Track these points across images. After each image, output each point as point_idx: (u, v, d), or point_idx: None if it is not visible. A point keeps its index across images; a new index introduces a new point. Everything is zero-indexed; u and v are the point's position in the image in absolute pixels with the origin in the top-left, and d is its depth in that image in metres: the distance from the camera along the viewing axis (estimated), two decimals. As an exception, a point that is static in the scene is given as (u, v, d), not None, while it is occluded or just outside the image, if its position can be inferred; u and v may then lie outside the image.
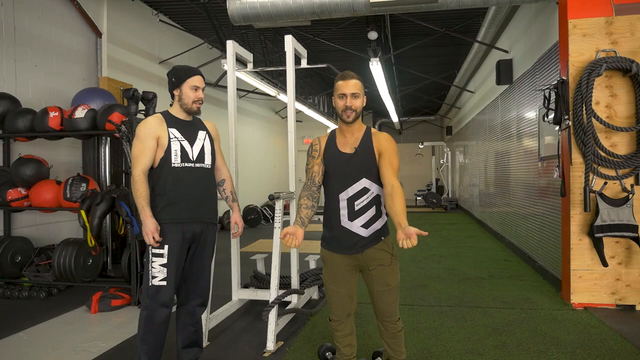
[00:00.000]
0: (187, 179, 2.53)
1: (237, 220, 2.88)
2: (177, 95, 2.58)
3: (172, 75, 2.58)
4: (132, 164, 2.49)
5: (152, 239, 2.42)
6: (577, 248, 3.99)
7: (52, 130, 4.57)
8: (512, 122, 6.73)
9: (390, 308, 2.34)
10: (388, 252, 2.30)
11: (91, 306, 4.05)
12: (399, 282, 2.37)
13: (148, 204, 2.45)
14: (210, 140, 2.68)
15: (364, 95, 2.30)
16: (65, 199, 4.50)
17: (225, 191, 2.85)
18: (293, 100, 3.91)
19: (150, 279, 2.47)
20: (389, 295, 2.32)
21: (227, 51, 3.91)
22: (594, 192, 3.87)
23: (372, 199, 2.28)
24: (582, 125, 3.87)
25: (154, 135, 2.49)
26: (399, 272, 2.37)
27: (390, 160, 2.22)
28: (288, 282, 4.00)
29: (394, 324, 2.36)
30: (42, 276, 4.58)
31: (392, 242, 2.32)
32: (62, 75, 5.82)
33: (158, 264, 2.47)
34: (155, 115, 2.59)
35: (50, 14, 5.63)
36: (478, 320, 3.69)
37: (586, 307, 3.98)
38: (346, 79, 2.25)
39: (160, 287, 2.47)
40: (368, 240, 2.28)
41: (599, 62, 3.82)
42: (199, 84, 2.57)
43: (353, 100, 2.23)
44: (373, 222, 2.28)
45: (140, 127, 2.52)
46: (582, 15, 3.99)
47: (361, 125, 2.35)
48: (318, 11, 4.87)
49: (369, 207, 2.27)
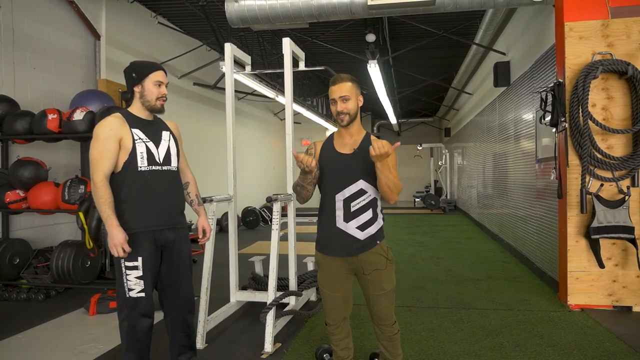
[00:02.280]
0: (155, 183, 2.38)
1: (204, 226, 2.68)
2: (138, 92, 2.40)
3: (132, 71, 2.40)
4: (92, 169, 2.28)
5: (121, 251, 2.24)
6: (574, 250, 4.01)
7: (51, 133, 4.58)
8: (510, 124, 6.76)
9: (386, 312, 2.33)
10: (383, 256, 2.28)
11: (89, 308, 4.06)
12: (395, 286, 2.35)
13: (113, 212, 2.25)
14: (174, 140, 2.54)
15: (358, 96, 2.27)
16: (64, 201, 4.50)
17: (190, 195, 2.68)
18: (291, 103, 3.92)
19: (127, 291, 2.32)
20: (385, 299, 2.30)
21: (225, 54, 3.92)
22: (590, 193, 3.90)
23: (369, 201, 2.25)
24: (579, 127, 3.89)
25: (116, 136, 2.30)
26: (394, 276, 2.35)
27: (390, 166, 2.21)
28: (286, 284, 4.01)
29: (389, 327, 2.35)
30: (41, 278, 4.59)
31: (387, 247, 2.34)
32: (61, 77, 5.83)
33: (134, 277, 2.31)
34: (114, 115, 2.38)
35: (48, 16, 5.64)
36: (475, 322, 3.70)
37: (583, 308, 3.99)
38: (336, 83, 2.23)
39: (139, 298, 2.34)
40: (363, 243, 2.25)
41: (595, 64, 3.84)
42: (163, 80, 2.42)
43: (344, 104, 2.21)
44: (369, 225, 2.25)
45: (99, 127, 2.31)
46: (578, 18, 4.01)
47: (361, 129, 2.33)
48: (316, 14, 4.89)
49: (365, 210, 2.25)
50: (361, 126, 2.34)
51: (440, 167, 16.38)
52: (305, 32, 7.93)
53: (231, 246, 3.97)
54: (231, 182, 3.92)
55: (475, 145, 10.31)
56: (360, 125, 2.33)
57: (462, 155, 12.89)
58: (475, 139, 10.39)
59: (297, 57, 4.21)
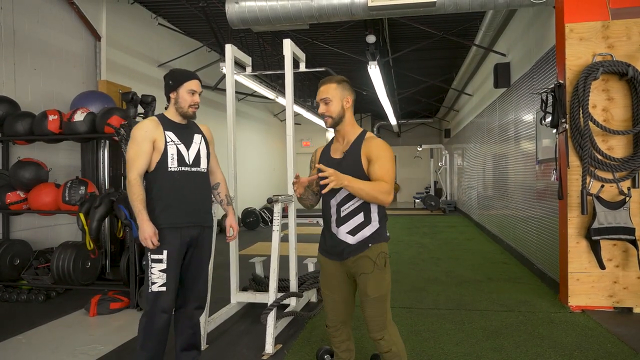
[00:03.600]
0: (183, 183, 2.53)
1: (232, 224, 2.88)
2: (173, 99, 2.56)
3: (170, 78, 2.57)
4: (128, 167, 2.46)
5: (150, 243, 2.41)
6: (575, 251, 4.01)
7: (51, 134, 4.58)
8: (510, 125, 6.76)
9: (372, 321, 2.20)
10: (371, 259, 2.16)
11: (90, 309, 4.05)
12: (384, 297, 2.19)
13: (145, 208, 2.43)
14: (205, 143, 2.67)
15: (345, 97, 2.21)
16: (64, 202, 4.50)
17: (220, 195, 2.84)
18: (292, 104, 3.92)
19: (150, 285, 2.45)
20: (369, 306, 2.19)
21: (226, 55, 3.93)
22: (591, 195, 3.90)
23: (359, 205, 2.18)
24: (579, 129, 3.89)
25: (151, 138, 2.47)
26: (384, 285, 2.19)
27: (380, 167, 2.11)
28: (286, 285, 4.01)
29: (376, 340, 2.21)
30: (41, 279, 4.58)
31: (381, 252, 2.19)
32: (61, 78, 5.83)
33: (157, 270, 2.45)
34: (151, 118, 2.56)
35: (49, 17, 5.64)
36: (476, 323, 3.70)
37: (584, 309, 3.99)
38: (321, 85, 2.23)
39: (159, 293, 2.45)
40: (354, 247, 2.19)
41: (596, 65, 3.85)
42: (196, 89, 2.57)
43: (325, 106, 2.20)
44: (360, 229, 2.18)
45: (136, 129, 2.49)
46: (579, 20, 4.02)
47: (354, 128, 2.26)
48: (316, 15, 4.90)
49: (356, 214, 2.18)
50: (355, 125, 2.27)
51: (440, 168, 16.38)
52: (306, 33, 7.94)
53: (232, 247, 3.97)
54: (232, 183, 3.92)
55: (475, 146, 10.32)
56: (352, 126, 2.26)
57: (462, 156, 12.89)
58: (475, 140, 10.40)
59: (298, 58, 4.22)
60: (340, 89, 2.21)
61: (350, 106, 2.23)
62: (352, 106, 2.25)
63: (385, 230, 2.27)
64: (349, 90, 2.24)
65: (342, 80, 2.24)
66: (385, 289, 2.19)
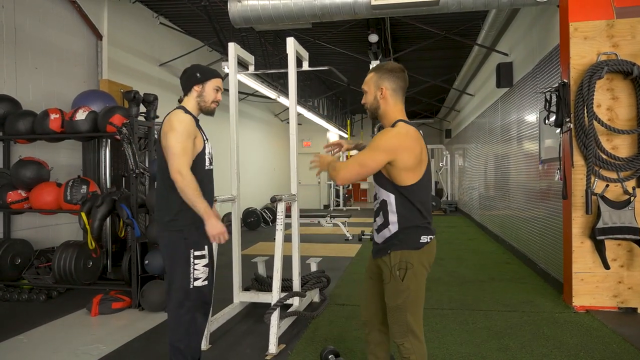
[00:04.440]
0: (209, 180, 2.59)
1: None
2: (197, 91, 2.47)
3: (197, 71, 2.49)
4: (179, 160, 2.29)
5: (220, 239, 2.37)
6: (579, 251, 3.99)
7: (53, 133, 4.56)
8: (513, 124, 6.74)
9: (391, 326, 2.08)
10: (388, 268, 2.03)
11: (91, 309, 4.03)
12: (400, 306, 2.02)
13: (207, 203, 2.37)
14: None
15: (380, 87, 2.04)
16: (66, 201, 4.48)
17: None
18: (295, 104, 3.90)
19: (192, 281, 2.41)
20: (388, 312, 2.08)
21: (229, 54, 3.90)
22: (595, 194, 3.88)
23: (380, 203, 2.07)
24: (584, 128, 3.87)
25: (193, 135, 2.41)
26: (400, 296, 2.02)
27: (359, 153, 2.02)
28: (289, 285, 3.99)
29: (397, 345, 2.07)
30: (42, 279, 4.56)
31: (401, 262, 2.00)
32: (63, 77, 5.81)
33: (201, 265, 2.44)
34: (187, 114, 2.43)
35: (51, 16, 5.62)
36: (480, 323, 3.68)
37: (588, 310, 3.97)
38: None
39: (203, 287, 2.46)
40: (379, 247, 2.10)
41: (600, 65, 3.83)
42: (221, 87, 2.56)
43: (364, 96, 2.13)
44: (382, 229, 2.07)
45: (180, 122, 2.35)
46: (583, 18, 4.00)
47: (391, 120, 2.07)
48: (319, 14, 4.88)
49: (378, 213, 2.08)
50: (394, 117, 2.05)
51: (441, 168, 16.36)
52: (308, 33, 7.92)
53: (234, 247, 3.94)
54: (235, 183, 3.90)
55: (477, 146, 10.30)
56: (390, 118, 2.06)
57: (463, 156, 12.87)
58: (476, 140, 10.38)
59: (301, 57, 4.19)
60: (376, 78, 2.06)
61: (385, 96, 2.05)
62: (391, 96, 2.05)
63: (414, 236, 2.02)
64: (388, 79, 2.04)
65: (380, 68, 2.07)
66: (403, 300, 2.00)
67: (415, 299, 2.03)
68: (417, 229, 2.02)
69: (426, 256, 2.04)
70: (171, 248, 2.42)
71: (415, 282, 2.01)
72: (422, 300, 2.08)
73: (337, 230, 8.87)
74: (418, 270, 2.01)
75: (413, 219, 2.01)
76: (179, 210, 2.39)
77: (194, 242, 2.42)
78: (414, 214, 2.01)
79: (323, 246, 7.78)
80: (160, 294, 4.09)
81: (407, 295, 2.01)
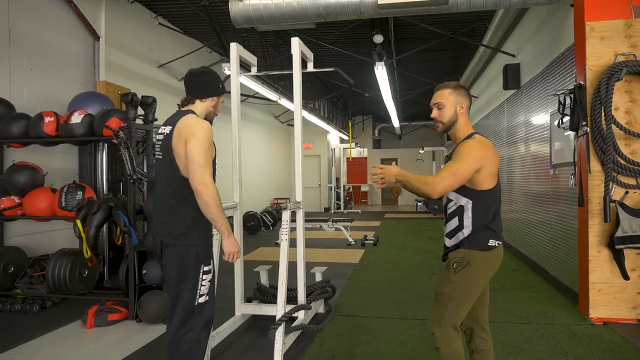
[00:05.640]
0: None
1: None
2: (213, 102, 2.42)
3: (219, 81, 2.45)
4: (204, 171, 2.17)
5: (233, 259, 2.35)
6: (596, 260, 3.82)
7: (47, 136, 4.38)
8: (520, 127, 6.58)
9: (432, 314, 2.23)
10: (454, 258, 2.18)
11: (87, 321, 3.86)
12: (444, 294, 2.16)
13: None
14: None
15: (459, 104, 2.21)
16: (61, 207, 4.31)
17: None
18: (300, 106, 3.74)
19: (197, 298, 2.30)
20: (434, 298, 2.24)
21: (231, 54, 3.74)
22: (614, 201, 3.71)
23: (456, 209, 2.20)
24: (601, 132, 3.72)
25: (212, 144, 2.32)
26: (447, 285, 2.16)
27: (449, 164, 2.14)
28: (294, 296, 3.81)
29: (431, 334, 2.21)
30: (36, 288, 4.38)
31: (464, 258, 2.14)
32: (59, 79, 5.64)
33: (207, 281, 2.34)
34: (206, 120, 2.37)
35: (46, 16, 5.46)
36: (494, 337, 3.47)
37: (605, 322, 3.80)
38: (436, 90, 2.28)
39: (207, 302, 2.35)
40: (449, 250, 2.25)
41: (619, 66, 3.67)
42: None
43: (437, 111, 2.25)
44: (456, 232, 2.21)
45: (206, 131, 2.24)
46: (600, 18, 3.84)
47: (465, 132, 2.23)
48: (324, 13, 4.72)
49: (452, 217, 2.22)
50: (468, 129, 2.24)
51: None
52: (311, 34, 7.76)
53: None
54: (237, 189, 3.73)
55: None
56: (464, 130, 2.24)
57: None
58: (480, 142, 10.20)
59: (306, 57, 4.03)
60: (454, 95, 2.23)
61: (464, 111, 2.24)
62: (466, 112, 2.25)
63: (484, 238, 2.15)
64: (464, 96, 2.25)
65: (457, 86, 2.25)
66: (448, 291, 2.15)
67: (461, 294, 2.14)
68: (487, 232, 2.16)
69: (490, 260, 2.17)
70: (181, 263, 2.28)
71: (467, 280, 2.13)
72: (471, 302, 2.18)
73: (339, 234, 8.70)
74: (476, 270, 2.13)
75: (485, 221, 2.16)
76: (192, 224, 2.27)
77: (205, 258, 2.33)
78: (487, 218, 2.16)
79: (325, 251, 7.60)
80: (158, 305, 3.93)
81: (455, 287, 2.14)
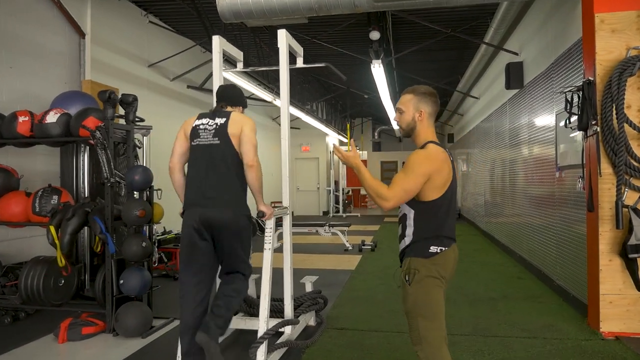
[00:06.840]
0: None
1: None
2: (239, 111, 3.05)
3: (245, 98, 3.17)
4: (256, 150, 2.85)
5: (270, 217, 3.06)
6: (607, 270, 3.54)
7: (21, 137, 4.13)
8: (523, 128, 6.31)
9: (410, 332, 2.11)
10: (403, 271, 2.13)
11: (59, 334, 3.59)
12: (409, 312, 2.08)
13: None
14: None
15: (418, 110, 2.13)
16: (34, 212, 4.04)
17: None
18: (287, 104, 3.47)
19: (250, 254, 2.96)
20: (407, 318, 2.13)
21: (213, 48, 3.48)
22: (626, 206, 3.44)
23: (401, 216, 2.16)
24: (613, 132, 3.44)
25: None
26: (408, 300, 2.08)
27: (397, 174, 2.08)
28: (280, 308, 3.54)
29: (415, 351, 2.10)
30: (8, 299, 4.11)
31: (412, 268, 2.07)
32: (41, 78, 5.38)
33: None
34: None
35: (28, 12, 5.20)
36: (498, 354, 3.23)
37: (618, 336, 3.52)
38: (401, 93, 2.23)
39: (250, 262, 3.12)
40: (401, 255, 2.18)
41: (632, 60, 3.40)
42: None
43: (397, 115, 2.22)
44: (400, 239, 2.18)
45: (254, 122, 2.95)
46: (610, 9, 3.58)
47: (421, 141, 2.16)
48: (316, 7, 4.46)
49: (399, 223, 2.17)
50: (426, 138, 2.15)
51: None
52: (304, 31, 7.50)
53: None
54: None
55: (482, 151, 9.87)
56: (421, 139, 2.16)
57: (467, 161, 12.44)
58: (481, 144, 9.95)
59: (295, 52, 3.77)
60: (415, 101, 2.15)
61: (423, 119, 2.15)
62: (427, 119, 2.16)
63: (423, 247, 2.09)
64: (426, 103, 2.15)
65: (422, 93, 2.16)
66: (411, 305, 2.08)
67: (424, 305, 2.06)
68: (426, 240, 2.09)
69: (437, 266, 2.07)
70: (246, 230, 2.86)
71: (422, 289, 2.06)
72: (438, 309, 2.08)
73: (336, 239, 8.42)
74: (425, 277, 2.05)
75: (427, 231, 2.09)
76: (244, 199, 2.91)
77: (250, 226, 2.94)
78: (429, 227, 2.09)
79: (320, 257, 7.33)
80: (136, 317, 3.66)
81: (414, 300, 2.06)
